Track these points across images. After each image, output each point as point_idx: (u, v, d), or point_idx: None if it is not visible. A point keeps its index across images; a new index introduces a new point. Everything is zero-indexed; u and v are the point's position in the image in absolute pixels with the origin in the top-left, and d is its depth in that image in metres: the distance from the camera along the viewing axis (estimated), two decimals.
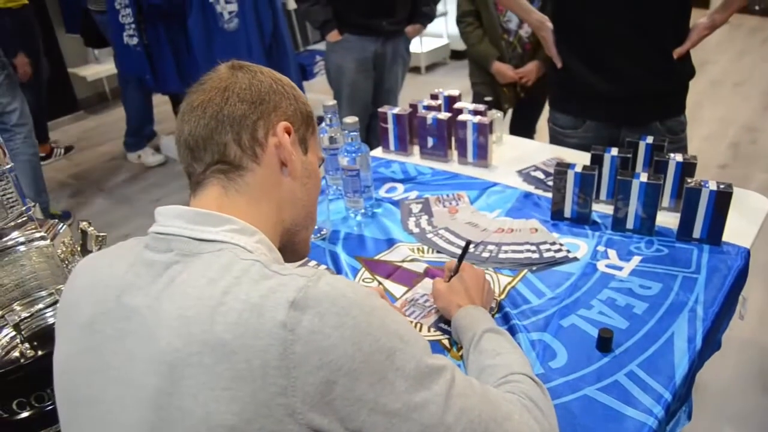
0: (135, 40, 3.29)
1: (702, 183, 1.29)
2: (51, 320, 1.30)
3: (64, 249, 1.39)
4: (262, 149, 0.78)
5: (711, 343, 1.16)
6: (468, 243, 1.18)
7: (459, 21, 2.69)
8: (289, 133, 0.80)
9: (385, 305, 0.68)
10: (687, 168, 1.41)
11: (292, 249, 0.87)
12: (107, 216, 3.49)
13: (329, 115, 1.56)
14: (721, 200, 1.28)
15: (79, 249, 1.45)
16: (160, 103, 4.32)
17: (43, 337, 1.27)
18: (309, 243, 0.91)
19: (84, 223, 1.46)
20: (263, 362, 0.60)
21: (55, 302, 1.31)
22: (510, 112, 2.81)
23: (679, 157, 1.42)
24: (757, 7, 6.84)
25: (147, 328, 0.67)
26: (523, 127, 2.85)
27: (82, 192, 3.82)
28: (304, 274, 0.65)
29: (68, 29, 4.60)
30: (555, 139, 1.93)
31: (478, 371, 0.91)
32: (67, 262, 1.38)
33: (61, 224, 1.43)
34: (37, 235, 1.31)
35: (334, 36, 2.87)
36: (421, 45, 5.56)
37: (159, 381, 0.64)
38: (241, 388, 0.60)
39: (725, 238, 1.32)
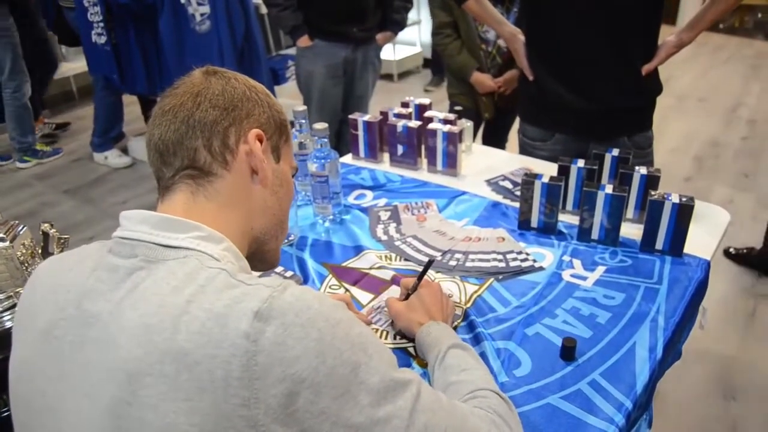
0: (103, 39, 3.25)
1: (665, 196, 1.32)
2: (9, 324, 1.27)
3: (23, 251, 1.35)
4: (233, 156, 0.77)
5: (672, 352, 1.18)
6: (430, 261, 1.19)
7: (435, 33, 2.70)
8: (261, 141, 0.80)
9: (351, 317, 0.67)
10: (651, 181, 1.44)
11: (261, 258, 0.87)
12: (71, 218, 3.43)
13: (299, 121, 1.56)
14: (683, 213, 1.30)
15: (39, 251, 1.42)
16: (129, 103, 4.26)
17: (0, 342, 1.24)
18: (279, 253, 0.90)
19: (45, 224, 1.43)
20: (226, 373, 0.59)
21: (13, 306, 1.28)
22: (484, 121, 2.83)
23: (643, 170, 1.45)
24: (721, 26, 7.02)
25: (108, 335, 0.65)
26: (496, 136, 2.88)
27: (45, 193, 3.74)
28: (270, 285, 0.64)
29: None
30: (524, 150, 1.95)
31: (444, 387, 0.91)
32: (26, 264, 1.35)
33: (22, 225, 1.39)
34: None
35: (304, 41, 2.86)
36: (394, 53, 5.58)
37: (118, 390, 0.62)
38: (202, 399, 0.59)
39: (687, 249, 1.35)
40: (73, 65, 4.78)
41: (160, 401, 0.60)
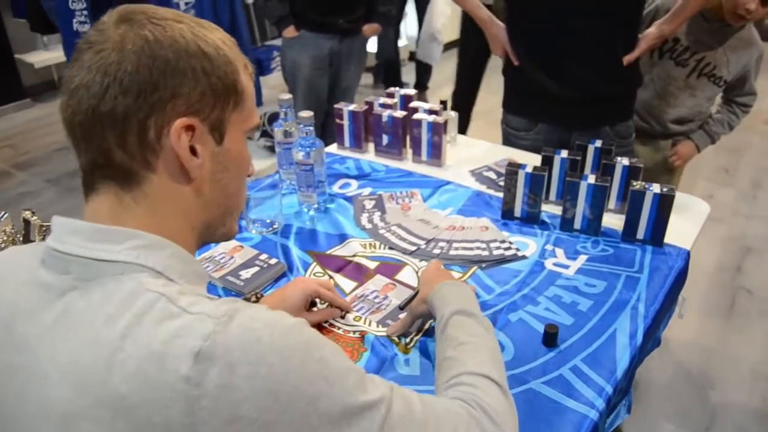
0: (86, 27, 3.21)
1: (646, 186, 1.34)
2: None
3: (4, 238, 1.34)
4: (155, 155, 0.64)
5: (651, 339, 1.20)
6: (416, 293, 1.13)
7: None
8: (192, 129, 0.64)
9: (309, 340, 0.60)
10: (633, 171, 1.45)
11: (215, 240, 0.78)
12: (54, 207, 3.39)
13: (284, 109, 1.56)
14: (664, 203, 1.32)
15: (21, 239, 1.41)
16: None
17: None
18: (235, 227, 0.79)
19: (27, 212, 1.41)
20: (166, 419, 0.53)
21: None
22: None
23: (625, 161, 1.46)
24: None
25: (38, 366, 0.59)
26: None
27: (27, 182, 3.70)
28: (214, 314, 0.57)
29: (15, 14, 4.45)
30: (508, 140, 1.96)
31: (438, 364, 0.87)
32: None
33: (3, 212, 1.38)
34: None
35: (290, 32, 2.85)
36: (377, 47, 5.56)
37: (54, 429, 0.57)
38: None
39: (667, 239, 1.37)
40: (54, 54, 4.71)
41: None
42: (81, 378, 0.56)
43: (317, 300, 1.18)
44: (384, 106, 1.82)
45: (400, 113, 1.75)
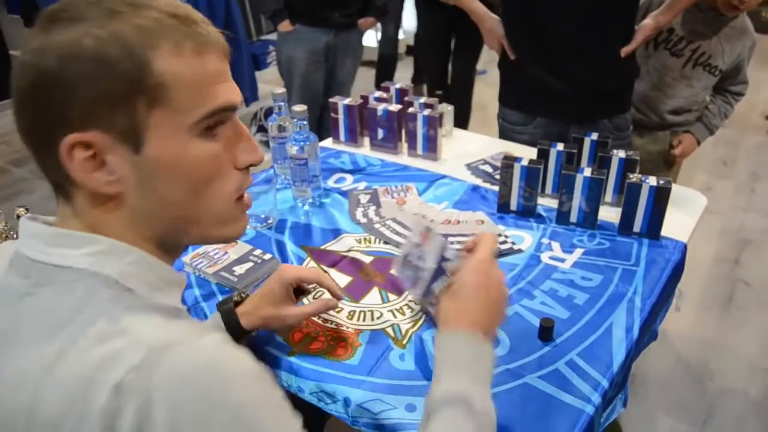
0: None
1: (642, 179, 1.33)
2: None
3: None
4: (68, 177, 0.59)
5: (648, 332, 1.19)
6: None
7: None
8: (88, 146, 0.57)
9: (248, 400, 0.53)
10: (629, 164, 1.44)
11: (191, 244, 0.71)
12: (49, 204, 3.31)
13: (278, 104, 1.55)
14: (661, 196, 1.31)
15: (14, 236, 1.40)
16: None
17: None
18: (216, 232, 0.68)
19: (20, 209, 1.41)
20: None
21: None
22: None
23: (621, 154, 1.46)
24: None
25: None
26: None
27: (23, 179, 3.69)
28: (151, 343, 0.52)
29: (10, 9, 4.42)
30: (505, 135, 1.95)
31: None
32: None
33: None
34: None
35: (285, 26, 2.84)
36: (377, 39, 5.54)
37: None
38: None
39: (664, 232, 1.36)
40: None
41: None
42: (14, 394, 0.54)
43: (308, 292, 1.11)
44: (379, 99, 1.81)
45: (395, 107, 1.74)
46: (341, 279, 1.25)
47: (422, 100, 1.80)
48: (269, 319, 1.01)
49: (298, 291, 1.07)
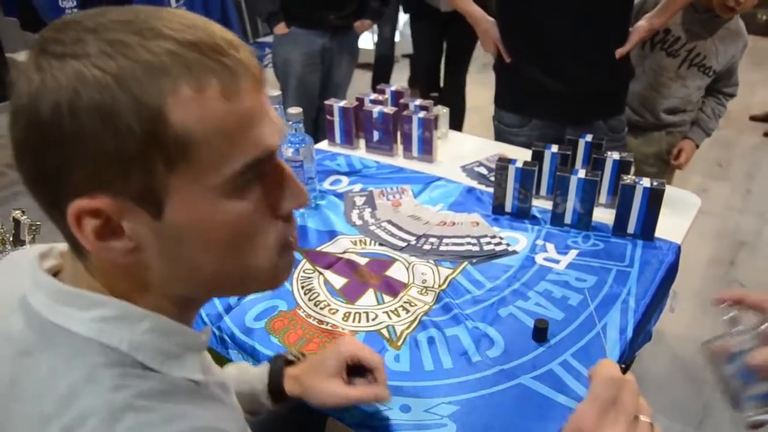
0: None
1: (636, 180, 1.33)
2: None
3: None
4: (77, 237, 0.49)
5: (642, 333, 1.20)
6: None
7: None
8: (97, 215, 0.47)
9: None
10: (623, 166, 1.45)
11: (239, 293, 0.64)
12: None
13: (274, 106, 1.54)
14: (654, 197, 1.32)
15: (11, 238, 1.40)
16: None
17: None
18: (261, 289, 0.61)
19: (17, 211, 1.41)
20: None
21: None
22: None
23: (616, 155, 1.46)
24: None
25: None
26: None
27: (19, 182, 3.67)
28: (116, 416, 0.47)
29: (5, 12, 4.42)
30: (500, 137, 1.95)
31: None
32: None
33: None
34: None
35: (281, 29, 2.84)
36: (373, 41, 5.55)
37: None
38: None
39: (658, 233, 1.37)
40: None
41: None
42: None
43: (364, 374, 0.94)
44: (375, 102, 1.81)
45: (390, 109, 1.74)
46: (336, 280, 1.26)
47: (418, 102, 1.80)
48: (310, 390, 0.89)
49: (353, 370, 0.93)
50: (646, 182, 1.32)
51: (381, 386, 0.90)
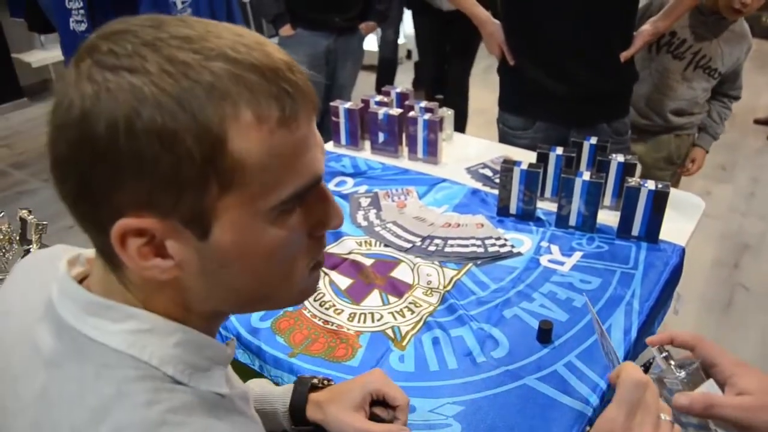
0: (83, 27, 3.20)
1: (641, 182, 1.34)
2: None
3: (1, 237, 1.34)
4: (120, 255, 0.49)
5: (646, 335, 1.20)
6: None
7: None
8: (142, 234, 0.47)
9: None
10: (628, 168, 1.45)
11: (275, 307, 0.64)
12: (51, 207, 3.38)
13: None
14: (659, 199, 1.32)
15: (18, 238, 1.41)
16: None
17: None
18: (288, 305, 0.63)
19: (24, 211, 1.41)
20: None
21: None
22: None
23: (620, 158, 1.47)
24: None
25: None
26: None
27: (24, 182, 3.70)
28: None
29: (12, 13, 4.44)
30: (505, 139, 1.96)
31: None
32: (4, 250, 1.34)
33: (0, 212, 1.38)
34: None
35: (286, 30, 2.86)
36: (377, 43, 5.56)
37: None
38: None
39: (662, 236, 1.37)
40: (52, 53, 4.70)
41: None
42: None
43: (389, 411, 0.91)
44: (380, 103, 1.82)
45: (395, 111, 1.75)
46: (342, 281, 1.26)
47: (423, 104, 1.81)
48: (332, 420, 0.87)
49: (377, 404, 0.91)
50: (650, 185, 1.33)
51: (403, 427, 0.88)
